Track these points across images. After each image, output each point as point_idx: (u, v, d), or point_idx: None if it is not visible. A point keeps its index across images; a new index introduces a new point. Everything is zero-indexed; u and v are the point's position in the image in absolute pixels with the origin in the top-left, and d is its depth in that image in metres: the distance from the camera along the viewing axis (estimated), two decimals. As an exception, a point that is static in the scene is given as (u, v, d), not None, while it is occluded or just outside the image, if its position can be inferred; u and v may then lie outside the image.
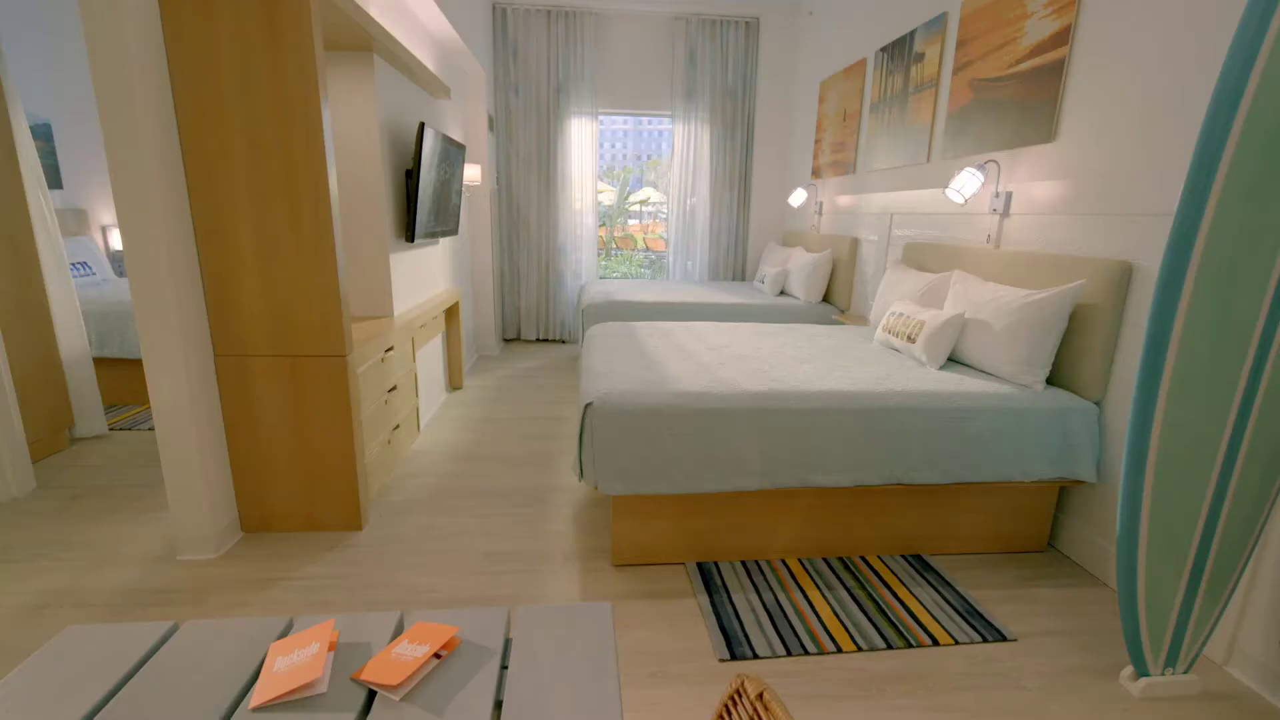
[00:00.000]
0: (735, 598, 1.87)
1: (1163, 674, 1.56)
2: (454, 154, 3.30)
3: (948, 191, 2.53)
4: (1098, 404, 2.04)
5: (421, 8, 3.15)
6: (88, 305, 3.31)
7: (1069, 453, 2.00)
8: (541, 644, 0.72)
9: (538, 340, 5.49)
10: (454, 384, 3.96)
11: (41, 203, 2.73)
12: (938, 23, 2.97)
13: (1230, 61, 1.19)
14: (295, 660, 0.66)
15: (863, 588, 1.95)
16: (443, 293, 3.67)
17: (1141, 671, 1.56)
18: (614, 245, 7.65)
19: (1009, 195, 2.46)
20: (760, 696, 0.54)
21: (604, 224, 7.27)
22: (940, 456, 1.97)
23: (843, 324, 3.58)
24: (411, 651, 0.68)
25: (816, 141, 4.52)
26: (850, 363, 2.36)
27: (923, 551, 2.16)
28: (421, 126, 2.70)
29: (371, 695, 0.65)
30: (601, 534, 2.26)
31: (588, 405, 1.89)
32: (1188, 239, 1.28)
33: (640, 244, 7.97)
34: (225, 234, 1.95)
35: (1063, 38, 2.20)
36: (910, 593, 1.93)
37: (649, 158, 8.42)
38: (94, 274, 4.01)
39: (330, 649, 0.69)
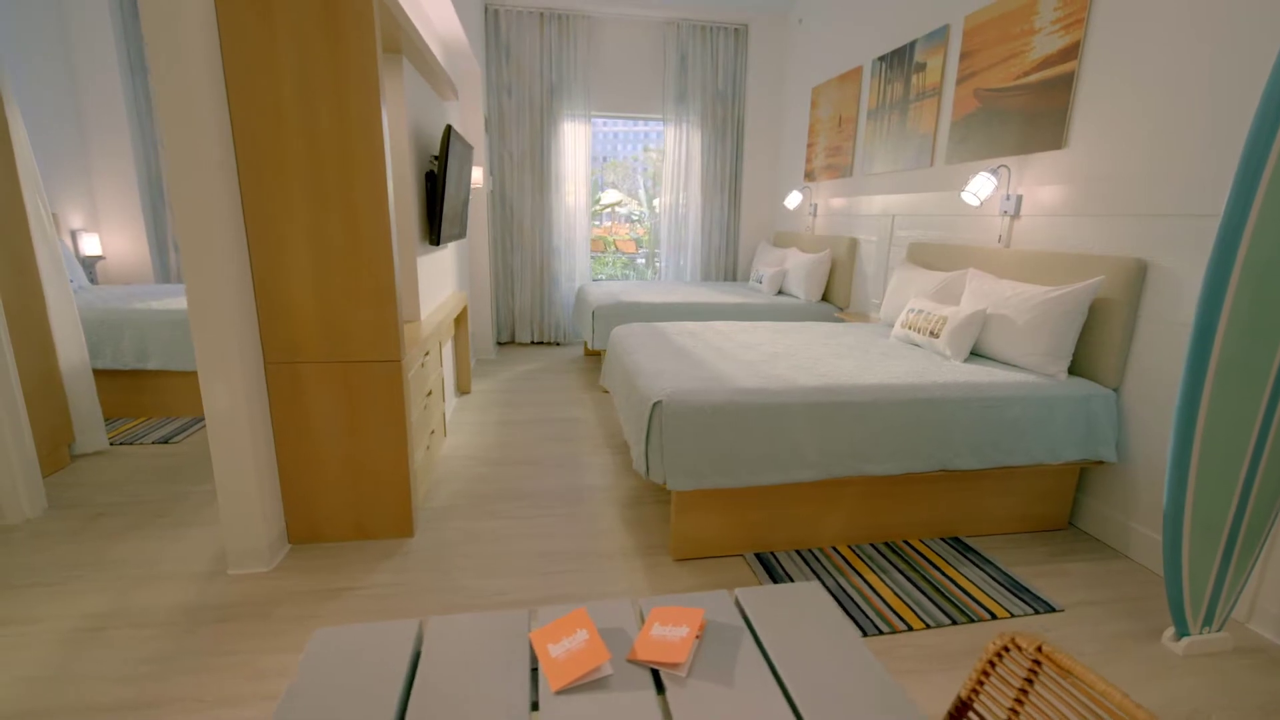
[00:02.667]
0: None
1: (1201, 633, 1.72)
2: (466, 155, 3.28)
3: (963, 195, 2.69)
4: (1115, 390, 2.21)
5: (434, 7, 3.12)
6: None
7: (1093, 436, 2.16)
8: (776, 620, 0.77)
9: (532, 343, 5.47)
10: (462, 389, 3.92)
11: (40, 208, 2.58)
12: (939, 35, 3.13)
13: (1277, 74, 1.33)
14: (571, 646, 0.69)
15: (914, 569, 2.06)
16: (453, 296, 3.63)
17: (1182, 632, 1.71)
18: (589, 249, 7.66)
19: (1019, 198, 2.63)
20: (1039, 649, 0.61)
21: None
22: (981, 443, 2.10)
23: (845, 321, 3.72)
24: (673, 633, 0.72)
25: (809, 145, 4.67)
26: (880, 358, 2.48)
27: (959, 533, 2.29)
28: (448, 130, 2.68)
29: (653, 674, 0.68)
30: (650, 530, 2.30)
31: (656, 403, 1.94)
32: (1234, 238, 1.42)
33: (611, 246, 8.02)
34: (278, 238, 1.91)
35: (1071, 52, 2.37)
36: (958, 572, 2.05)
37: (605, 160, 8.42)
38: (71, 281, 3.78)
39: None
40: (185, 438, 3.10)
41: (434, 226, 2.84)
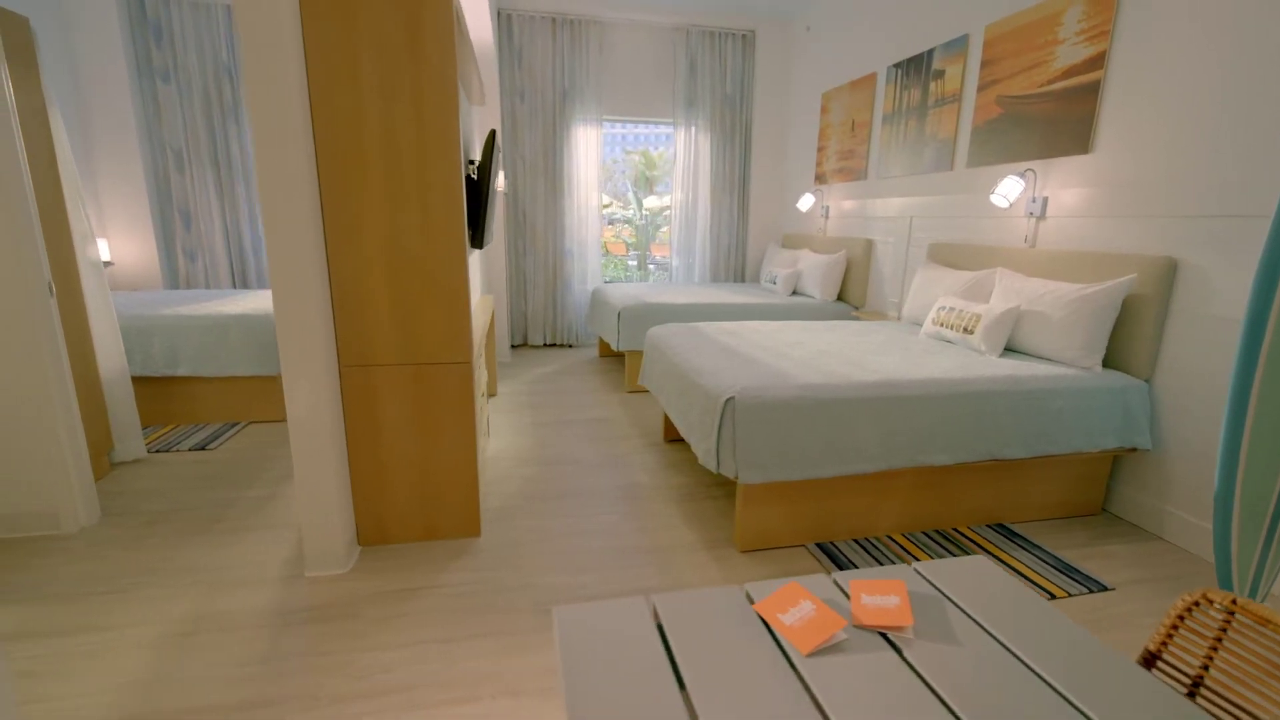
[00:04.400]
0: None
1: (1247, 605, 1.84)
2: (498, 160, 3.31)
3: (993, 197, 2.81)
4: (1147, 381, 2.35)
5: (471, 11, 3.15)
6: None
7: (1129, 425, 2.29)
8: (965, 589, 0.84)
9: (545, 345, 5.50)
10: (490, 391, 3.94)
11: (81, 215, 2.55)
12: (959, 43, 3.26)
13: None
14: (802, 615, 0.75)
15: (968, 555, 2.15)
16: (482, 300, 3.66)
17: (1230, 605, 1.83)
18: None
19: (1045, 200, 2.76)
20: (1234, 601, 0.69)
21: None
22: (1028, 433, 2.21)
23: (864, 320, 3.84)
24: (887, 601, 0.79)
25: (820, 149, 4.79)
26: (921, 354, 2.58)
27: (1003, 520, 2.40)
28: (492, 134, 2.72)
29: (882, 637, 0.75)
30: (710, 524, 2.37)
31: (728, 400, 2.00)
32: (1285, 237, 1.54)
33: (603, 249, 8.06)
34: (356, 242, 1.93)
35: (1097, 62, 2.50)
36: (1011, 556, 2.15)
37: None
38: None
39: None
40: (221, 444, 3.07)
41: (476, 230, 2.87)
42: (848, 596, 0.83)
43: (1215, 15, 2.09)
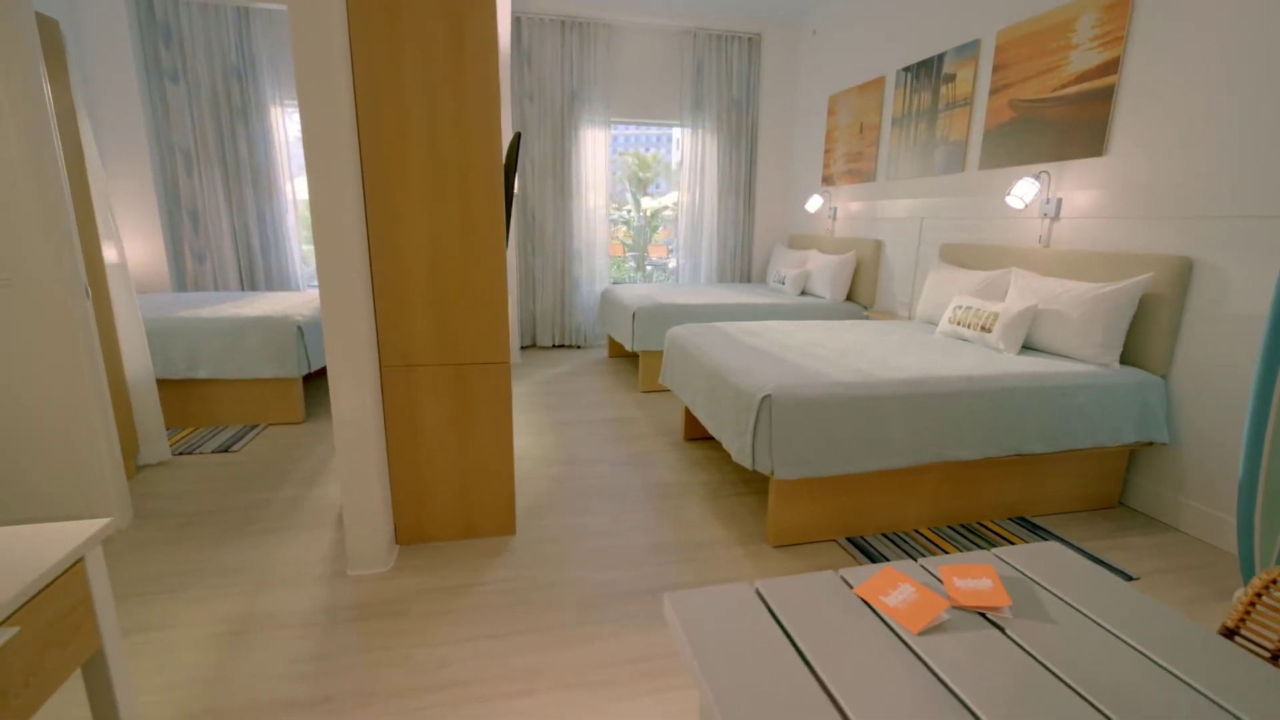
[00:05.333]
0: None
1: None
2: (518, 162, 3.34)
3: (1009, 199, 2.87)
4: (1163, 377, 2.41)
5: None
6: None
7: (1147, 419, 2.35)
8: (1046, 571, 0.89)
9: (554, 346, 5.52)
10: (505, 391, 3.95)
11: (108, 217, 2.56)
12: (970, 48, 3.33)
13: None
14: (904, 597, 0.79)
15: (995, 548, 2.21)
16: (500, 300, 3.68)
17: (1252, 592, 1.90)
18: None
19: (1059, 201, 2.83)
20: None
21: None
22: (1051, 429, 2.27)
23: (875, 319, 3.90)
24: (980, 584, 0.83)
25: (827, 151, 4.85)
26: (942, 352, 2.64)
27: (1025, 514, 2.46)
28: (518, 136, 2.75)
29: (982, 616, 0.79)
30: (740, 521, 2.41)
31: (765, 398, 2.05)
32: (1309, 237, 1.60)
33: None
34: (398, 244, 1.95)
35: (1111, 67, 2.57)
36: (1036, 548, 2.21)
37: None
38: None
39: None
40: (243, 446, 3.07)
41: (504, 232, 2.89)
42: (940, 580, 0.87)
43: (1228, 20, 2.17)
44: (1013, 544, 2.25)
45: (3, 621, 0.73)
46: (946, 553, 2.18)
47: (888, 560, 2.11)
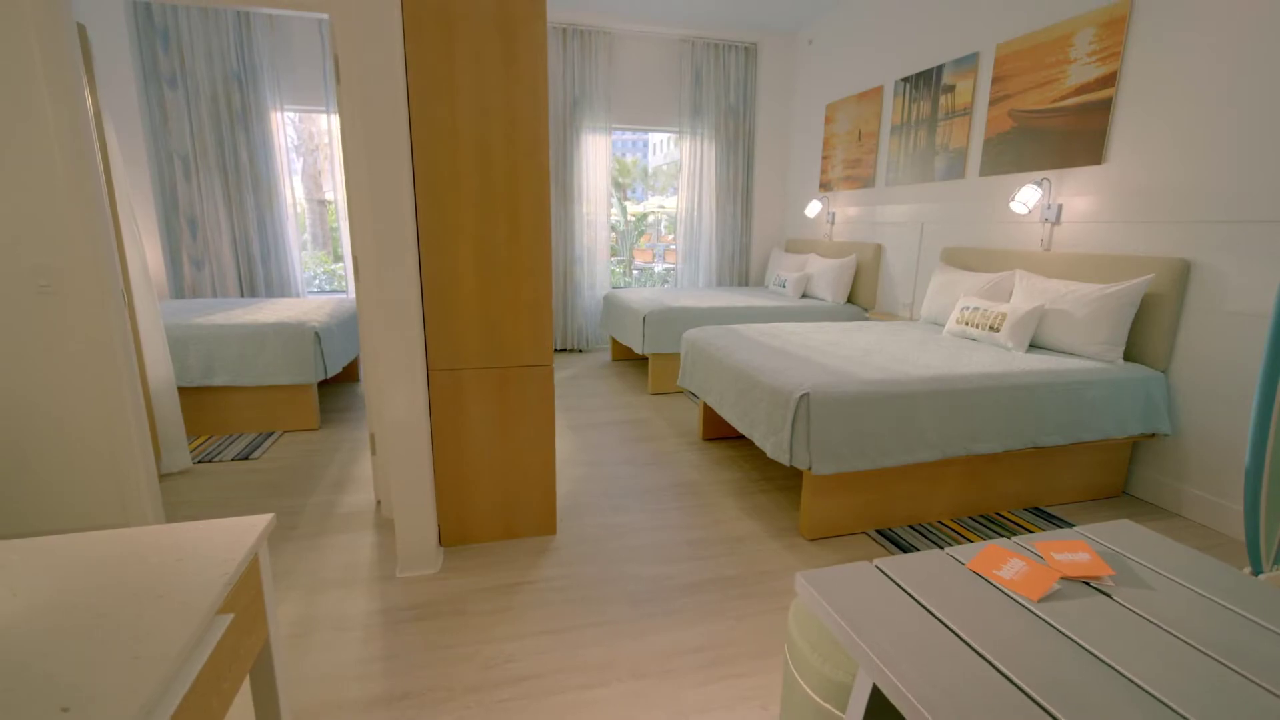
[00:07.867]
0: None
1: (1272, 570, 2.05)
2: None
3: (1013, 205, 3.02)
4: (1164, 372, 2.57)
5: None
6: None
7: (1152, 412, 2.50)
8: (1130, 545, 0.98)
9: (557, 350, 5.55)
10: (518, 395, 3.98)
11: (133, 224, 2.53)
12: (969, 60, 3.48)
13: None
14: (1017, 570, 0.87)
15: (1014, 535, 2.33)
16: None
17: (1257, 569, 2.04)
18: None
19: (1060, 206, 2.98)
20: None
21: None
22: (1066, 421, 2.40)
23: (880, 321, 4.03)
24: (1078, 557, 0.91)
25: (825, 158, 4.99)
26: (956, 351, 2.75)
27: (1038, 504, 2.58)
28: (543, 143, 2.79)
29: (1088, 585, 0.87)
30: (772, 516, 2.48)
31: (803, 396, 2.13)
32: (1310, 240, 1.74)
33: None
34: (447, 249, 1.99)
35: (1109, 81, 2.73)
36: (1054, 536, 2.33)
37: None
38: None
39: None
40: (263, 453, 3.05)
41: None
42: (1039, 556, 0.95)
43: (1223, 37, 2.33)
44: (1031, 532, 2.37)
45: (219, 609, 0.76)
46: (971, 541, 2.28)
47: (917, 550, 2.20)
